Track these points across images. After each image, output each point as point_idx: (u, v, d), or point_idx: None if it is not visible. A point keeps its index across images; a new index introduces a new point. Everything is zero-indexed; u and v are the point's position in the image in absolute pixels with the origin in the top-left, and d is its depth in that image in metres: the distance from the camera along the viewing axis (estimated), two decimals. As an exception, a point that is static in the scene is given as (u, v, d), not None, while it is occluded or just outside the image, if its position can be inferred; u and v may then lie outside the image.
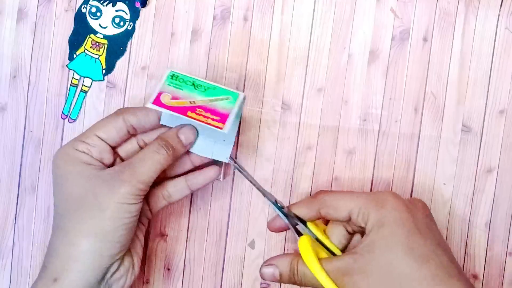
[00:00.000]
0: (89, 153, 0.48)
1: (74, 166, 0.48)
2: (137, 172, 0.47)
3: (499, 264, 0.55)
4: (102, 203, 0.46)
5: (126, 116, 0.49)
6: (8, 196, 0.57)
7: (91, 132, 0.49)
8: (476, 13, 0.55)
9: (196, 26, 0.56)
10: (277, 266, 0.49)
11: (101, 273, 0.47)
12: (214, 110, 0.48)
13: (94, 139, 0.49)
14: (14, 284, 0.57)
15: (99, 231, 0.46)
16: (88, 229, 0.46)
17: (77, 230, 0.46)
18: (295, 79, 0.56)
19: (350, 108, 0.55)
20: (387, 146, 0.55)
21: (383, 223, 0.46)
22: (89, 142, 0.48)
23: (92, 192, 0.47)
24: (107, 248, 0.46)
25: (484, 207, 0.55)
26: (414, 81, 0.55)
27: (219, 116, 0.47)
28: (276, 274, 0.49)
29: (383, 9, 0.55)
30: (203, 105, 0.48)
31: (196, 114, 0.47)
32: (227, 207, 0.56)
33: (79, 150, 0.48)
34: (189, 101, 0.48)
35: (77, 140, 0.49)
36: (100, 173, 0.48)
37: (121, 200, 0.46)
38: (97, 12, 0.56)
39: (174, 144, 0.49)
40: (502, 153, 0.55)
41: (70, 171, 0.48)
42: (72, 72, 0.57)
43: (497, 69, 0.55)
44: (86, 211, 0.46)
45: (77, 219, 0.46)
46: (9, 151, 0.57)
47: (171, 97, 0.48)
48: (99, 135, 0.49)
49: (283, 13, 0.55)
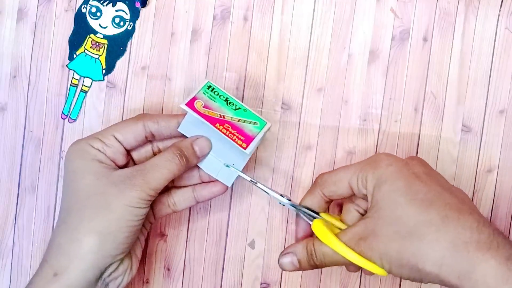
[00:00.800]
0: (103, 152, 0.48)
1: (86, 162, 0.48)
2: (148, 178, 0.47)
3: (499, 264, 0.55)
4: (110, 204, 0.46)
5: (147, 122, 0.49)
6: (8, 196, 0.57)
7: (109, 132, 0.49)
8: (476, 13, 0.55)
9: (196, 26, 0.56)
10: (294, 253, 0.49)
11: (99, 272, 0.47)
12: (241, 130, 0.49)
13: (111, 139, 0.49)
14: (14, 284, 0.57)
15: (104, 230, 0.46)
16: (93, 227, 0.46)
17: (82, 227, 0.46)
18: (295, 79, 0.56)
19: (350, 108, 0.55)
20: (387, 146, 0.55)
21: (382, 181, 0.46)
22: (105, 141, 0.49)
23: (102, 192, 0.47)
24: (110, 248, 0.46)
25: (484, 207, 0.55)
26: (414, 81, 0.55)
27: (244, 136, 0.49)
28: (295, 261, 0.49)
29: (383, 9, 0.55)
30: (232, 122, 0.49)
31: (223, 128, 0.49)
32: (227, 207, 0.56)
33: (94, 147, 0.48)
34: (220, 114, 0.49)
35: (94, 137, 0.49)
36: (112, 173, 0.48)
37: (130, 203, 0.46)
38: (97, 12, 0.56)
39: (188, 155, 0.49)
40: (502, 153, 0.55)
41: (81, 167, 0.48)
42: (72, 72, 0.57)
43: (497, 69, 0.55)
44: (93, 210, 0.46)
45: (83, 216, 0.46)
46: (9, 151, 0.57)
47: (203, 105, 0.49)
48: (116, 136, 0.49)
49: (283, 13, 0.56)
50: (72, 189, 0.48)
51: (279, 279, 0.56)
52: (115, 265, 0.48)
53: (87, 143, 0.48)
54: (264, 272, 0.56)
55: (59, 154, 0.57)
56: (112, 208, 0.46)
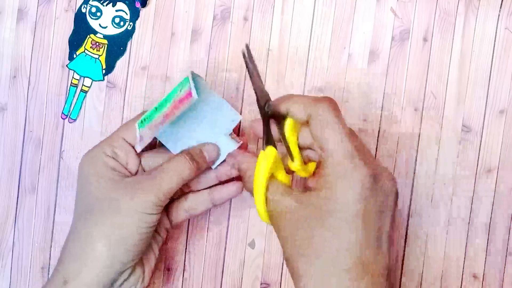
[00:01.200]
0: (115, 158, 0.49)
1: (99, 169, 0.48)
2: (158, 182, 0.47)
3: (499, 264, 0.55)
4: (120, 209, 0.46)
5: None
6: (8, 196, 0.57)
7: (117, 135, 0.50)
8: (476, 13, 0.55)
9: (196, 26, 0.56)
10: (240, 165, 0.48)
11: (110, 280, 0.46)
12: (180, 100, 0.48)
13: (120, 142, 0.49)
14: (14, 284, 0.57)
15: (113, 236, 0.46)
16: (103, 233, 0.46)
17: (91, 233, 0.46)
18: (295, 79, 0.56)
19: (350, 108, 0.55)
20: (387, 146, 0.55)
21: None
22: (115, 145, 0.49)
23: (112, 197, 0.47)
24: (119, 254, 0.46)
25: (484, 207, 0.55)
26: (414, 81, 0.55)
27: (185, 97, 0.47)
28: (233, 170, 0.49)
29: (383, 9, 0.55)
30: (171, 105, 0.48)
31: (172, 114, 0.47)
32: (227, 207, 0.56)
33: (107, 153, 0.49)
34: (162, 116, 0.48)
35: (104, 143, 0.49)
36: (123, 179, 0.48)
37: (140, 209, 0.46)
38: (97, 12, 0.56)
39: (198, 159, 0.49)
40: (502, 153, 0.55)
41: (93, 174, 0.48)
42: (72, 72, 0.57)
43: (497, 69, 0.55)
44: (103, 215, 0.46)
45: (93, 223, 0.46)
46: (9, 151, 0.57)
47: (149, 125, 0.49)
48: (126, 138, 0.49)
49: (283, 13, 0.56)
50: (83, 196, 0.48)
51: (279, 279, 0.56)
52: (126, 273, 0.47)
53: (99, 150, 0.49)
54: (264, 272, 0.56)
55: (59, 154, 0.57)
56: (122, 212, 0.46)
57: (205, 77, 0.56)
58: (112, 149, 0.49)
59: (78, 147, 0.57)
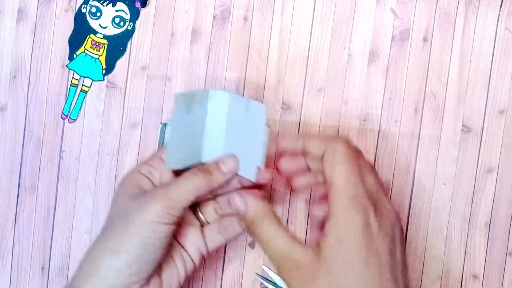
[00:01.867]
0: (150, 177, 0.49)
1: (126, 188, 0.48)
2: (170, 190, 0.46)
3: (499, 264, 0.55)
4: (128, 219, 0.46)
5: None
6: (8, 196, 0.57)
7: (156, 155, 0.50)
8: (476, 13, 0.55)
9: (196, 26, 0.56)
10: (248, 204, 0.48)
11: None
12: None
13: (157, 161, 0.50)
14: (14, 284, 0.57)
15: (119, 248, 0.45)
16: (109, 245, 0.45)
17: (100, 246, 0.46)
18: (295, 79, 0.56)
19: (350, 108, 0.55)
20: (387, 146, 0.55)
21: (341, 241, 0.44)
22: (152, 164, 0.49)
23: (124, 210, 0.46)
24: (124, 265, 0.45)
25: (484, 207, 0.55)
26: (414, 81, 0.55)
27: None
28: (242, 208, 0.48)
29: (383, 9, 0.55)
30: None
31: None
32: (227, 207, 0.56)
33: (142, 172, 0.49)
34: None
35: (143, 163, 0.50)
36: (143, 192, 0.48)
37: (147, 216, 0.45)
38: (97, 12, 0.56)
39: (212, 169, 0.48)
40: (502, 153, 0.55)
41: (122, 193, 0.48)
42: (72, 72, 0.57)
43: (497, 69, 0.55)
44: (112, 229, 0.46)
45: (103, 237, 0.47)
46: (9, 151, 0.57)
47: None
48: (163, 157, 0.49)
49: (283, 13, 0.56)
50: (108, 215, 0.49)
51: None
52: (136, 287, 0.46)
53: (137, 169, 0.49)
54: (264, 272, 0.56)
55: (59, 154, 0.57)
56: (129, 223, 0.45)
57: (205, 77, 0.56)
58: (148, 168, 0.49)
59: (78, 147, 0.57)
